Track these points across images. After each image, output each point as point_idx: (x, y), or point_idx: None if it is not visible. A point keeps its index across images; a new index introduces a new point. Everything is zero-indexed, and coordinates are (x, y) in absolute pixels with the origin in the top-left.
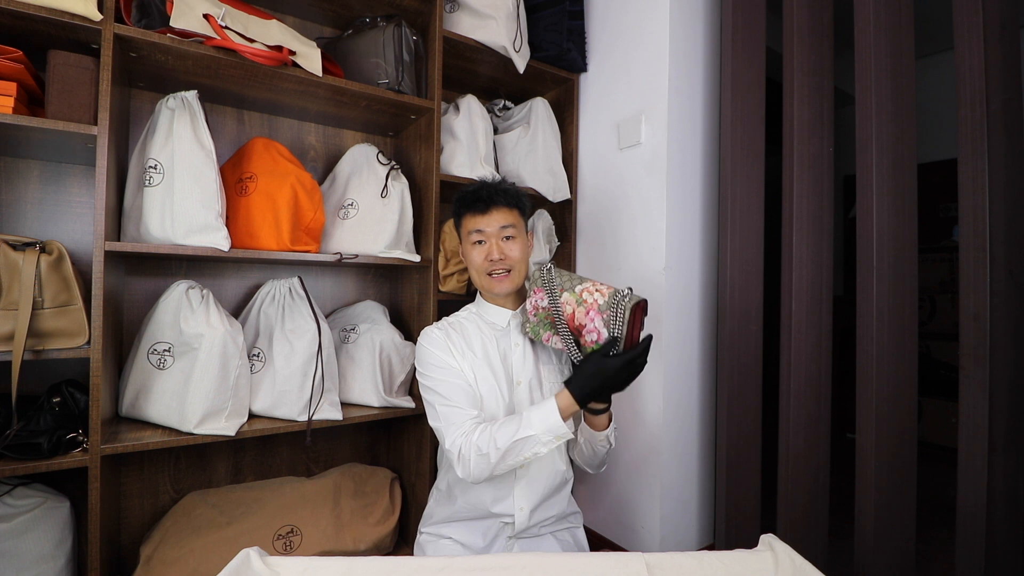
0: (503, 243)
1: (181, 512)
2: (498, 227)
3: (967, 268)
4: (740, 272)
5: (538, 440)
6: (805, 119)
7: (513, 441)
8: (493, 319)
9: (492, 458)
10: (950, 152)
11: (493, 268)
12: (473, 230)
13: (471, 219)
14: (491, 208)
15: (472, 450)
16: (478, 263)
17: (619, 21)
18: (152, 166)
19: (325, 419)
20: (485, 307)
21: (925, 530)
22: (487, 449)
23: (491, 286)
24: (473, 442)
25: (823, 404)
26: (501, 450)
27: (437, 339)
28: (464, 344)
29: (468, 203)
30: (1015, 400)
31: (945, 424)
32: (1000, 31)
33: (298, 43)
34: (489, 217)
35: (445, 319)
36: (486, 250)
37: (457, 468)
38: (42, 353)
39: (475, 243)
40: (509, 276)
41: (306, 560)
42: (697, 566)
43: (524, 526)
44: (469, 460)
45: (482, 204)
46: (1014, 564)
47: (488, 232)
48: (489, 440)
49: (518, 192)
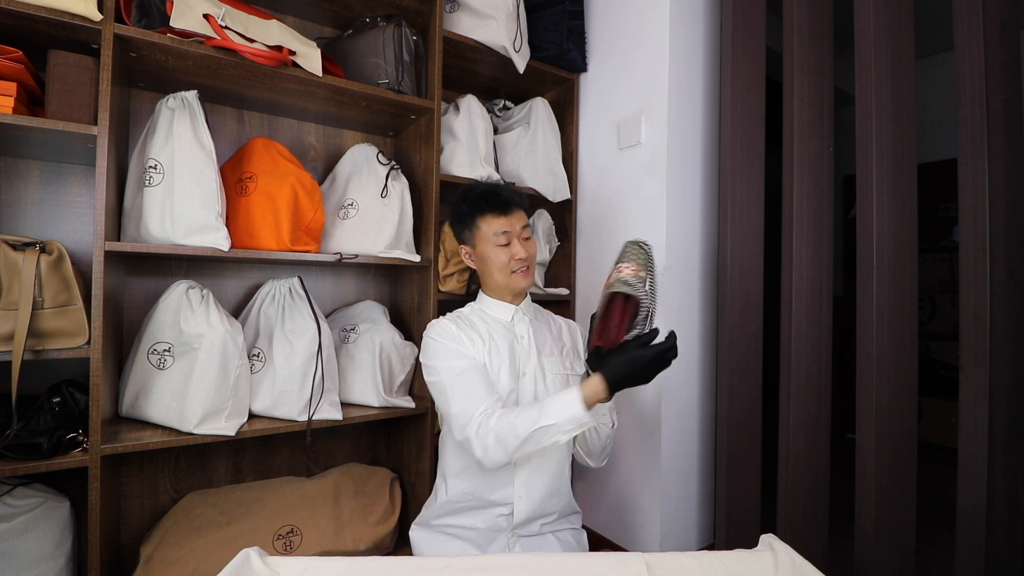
0: (524, 243)
1: (181, 512)
2: (520, 227)
3: (967, 268)
4: (740, 272)
5: (559, 429)
6: (805, 119)
7: (533, 430)
8: (498, 314)
9: (511, 444)
10: (950, 152)
11: (520, 267)
12: (500, 231)
13: (493, 220)
14: (511, 209)
15: (491, 436)
16: (504, 262)
17: (619, 21)
18: (152, 166)
19: (325, 419)
20: (489, 303)
21: (925, 530)
22: (506, 435)
23: (516, 282)
24: (491, 428)
25: (823, 404)
26: (520, 437)
27: (450, 329)
28: (475, 333)
29: (489, 205)
30: (1015, 400)
31: (945, 424)
32: (1000, 31)
33: (298, 43)
34: (512, 218)
35: (452, 312)
36: (512, 250)
37: (475, 451)
38: (42, 353)
39: (501, 244)
40: (529, 272)
41: (306, 560)
42: (697, 566)
43: (524, 518)
44: (488, 444)
45: (504, 205)
46: (1014, 564)
47: (513, 232)
48: (508, 427)
49: (525, 194)
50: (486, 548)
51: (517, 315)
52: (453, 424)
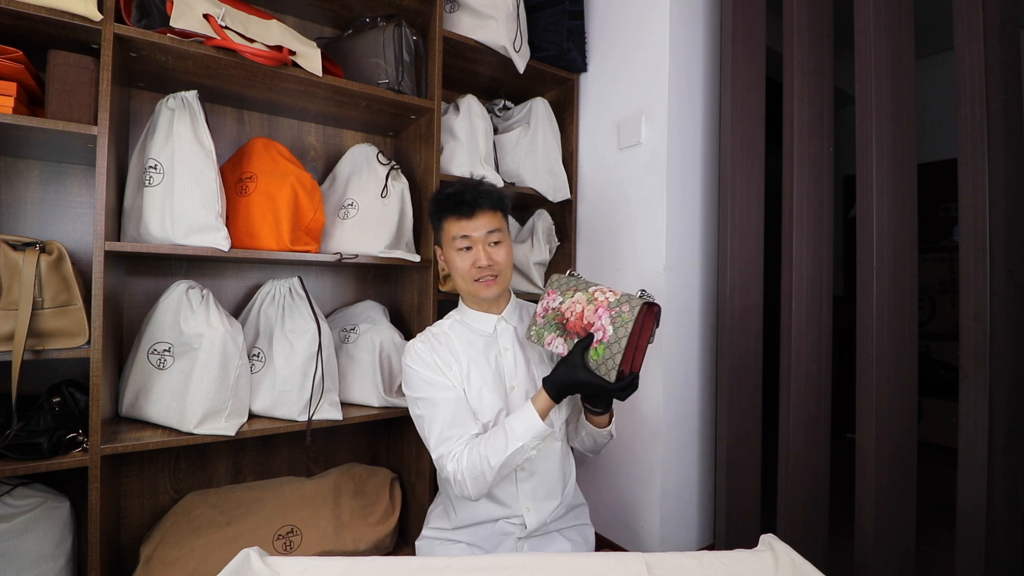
0: (490, 248)
1: (181, 512)
2: (484, 232)
3: (967, 268)
4: (740, 272)
5: (528, 447)
6: (805, 119)
7: (506, 457)
8: (479, 326)
9: (488, 477)
10: (950, 152)
11: (481, 275)
12: (458, 235)
13: (455, 223)
14: (476, 212)
15: (466, 475)
16: (464, 269)
17: (619, 21)
18: (152, 166)
19: (325, 419)
20: (469, 314)
21: (925, 530)
22: (480, 469)
23: (478, 291)
24: (464, 467)
25: (823, 404)
26: (495, 468)
27: (422, 355)
28: (450, 355)
29: (451, 206)
30: (1015, 400)
31: (945, 424)
32: (1000, 31)
33: (298, 43)
34: (475, 221)
35: (428, 329)
36: (473, 256)
37: (456, 491)
38: (42, 353)
39: (461, 249)
40: (496, 280)
41: (306, 560)
42: (697, 566)
43: (536, 526)
44: (466, 484)
45: (466, 207)
46: (1014, 564)
47: (475, 237)
48: (480, 460)
49: (501, 193)
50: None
51: (500, 325)
52: (435, 463)
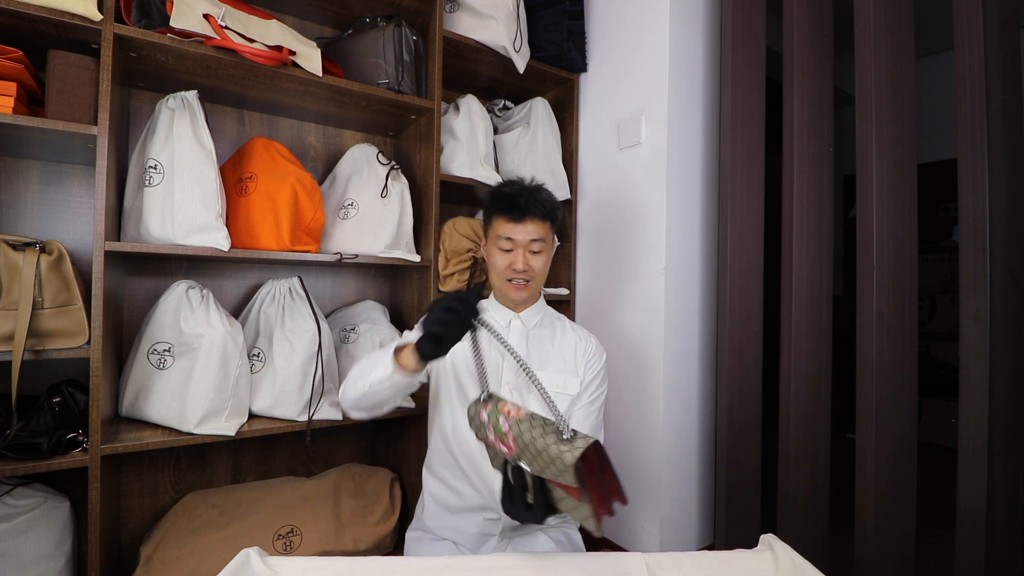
0: (530, 255)
1: (181, 512)
2: (528, 239)
3: (967, 268)
4: (740, 272)
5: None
6: (805, 119)
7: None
8: (496, 318)
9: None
10: (950, 152)
11: (515, 277)
12: (503, 236)
13: (503, 224)
14: (526, 218)
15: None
16: (501, 268)
17: (619, 21)
18: (152, 166)
19: (325, 419)
20: (494, 306)
21: (925, 530)
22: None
23: (508, 291)
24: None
25: (823, 404)
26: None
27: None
28: None
29: (504, 207)
30: (1015, 400)
31: (945, 424)
32: (1000, 31)
33: (298, 43)
34: (522, 227)
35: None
36: (511, 258)
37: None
38: (42, 353)
39: (503, 250)
40: (528, 286)
41: (306, 560)
42: (697, 566)
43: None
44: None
45: (518, 212)
46: (1014, 564)
47: (518, 241)
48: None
49: (555, 204)
50: (477, 551)
51: (514, 323)
52: None
